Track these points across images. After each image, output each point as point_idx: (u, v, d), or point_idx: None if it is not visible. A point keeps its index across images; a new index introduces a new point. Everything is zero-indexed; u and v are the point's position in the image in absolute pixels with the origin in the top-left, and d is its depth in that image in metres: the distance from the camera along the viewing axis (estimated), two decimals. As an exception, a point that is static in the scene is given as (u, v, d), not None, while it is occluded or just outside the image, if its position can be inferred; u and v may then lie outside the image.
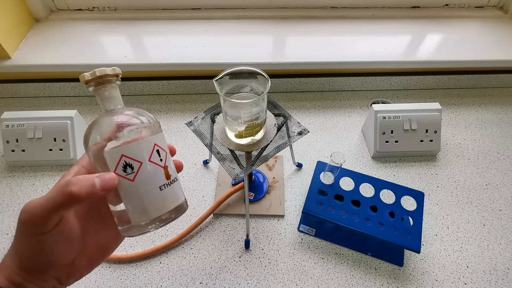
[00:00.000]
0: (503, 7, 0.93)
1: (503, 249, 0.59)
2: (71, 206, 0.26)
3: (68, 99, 0.86)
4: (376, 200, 0.58)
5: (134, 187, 0.29)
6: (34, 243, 0.27)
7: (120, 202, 0.29)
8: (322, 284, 0.55)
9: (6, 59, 0.77)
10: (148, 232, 0.30)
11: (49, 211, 0.25)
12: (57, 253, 0.28)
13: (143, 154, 0.29)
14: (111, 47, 0.82)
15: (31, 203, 0.26)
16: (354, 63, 0.80)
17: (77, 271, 0.31)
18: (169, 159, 0.32)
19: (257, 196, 0.65)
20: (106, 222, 0.33)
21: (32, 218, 0.26)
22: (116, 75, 0.31)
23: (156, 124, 0.31)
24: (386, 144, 0.71)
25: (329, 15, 0.91)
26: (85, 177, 0.26)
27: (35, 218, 0.25)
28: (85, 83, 0.30)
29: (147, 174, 0.29)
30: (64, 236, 0.28)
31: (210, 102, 0.85)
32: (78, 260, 0.31)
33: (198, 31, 0.87)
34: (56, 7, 0.89)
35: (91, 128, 0.29)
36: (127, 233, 0.30)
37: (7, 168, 0.71)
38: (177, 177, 0.33)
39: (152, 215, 0.30)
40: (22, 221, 0.26)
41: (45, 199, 0.26)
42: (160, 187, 0.30)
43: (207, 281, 0.55)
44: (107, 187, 0.26)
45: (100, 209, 0.33)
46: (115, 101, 0.31)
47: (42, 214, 0.25)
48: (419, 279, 0.55)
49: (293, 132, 0.55)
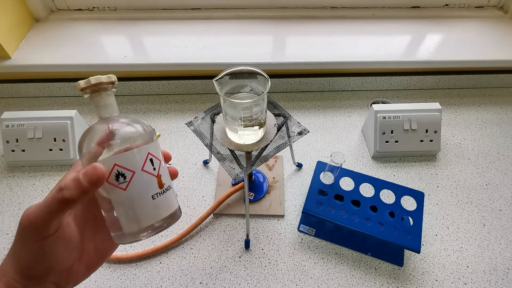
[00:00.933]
0: (503, 7, 0.93)
1: (503, 249, 0.59)
2: (67, 209, 0.26)
3: (68, 99, 0.86)
4: (376, 200, 0.58)
5: (127, 196, 0.29)
6: (35, 249, 0.27)
7: (112, 210, 0.29)
8: (322, 284, 0.55)
9: (6, 59, 0.77)
10: (141, 240, 0.30)
11: (48, 215, 0.26)
12: (57, 257, 0.28)
13: (136, 164, 0.29)
14: (111, 47, 0.82)
15: (31, 208, 0.27)
16: (354, 63, 0.80)
17: (75, 276, 0.31)
18: (163, 167, 0.32)
19: (257, 196, 0.65)
20: (102, 228, 0.33)
21: (33, 223, 0.26)
22: (112, 82, 0.31)
23: (151, 132, 0.31)
24: (386, 144, 0.71)
25: (329, 15, 0.91)
26: (72, 178, 0.26)
27: (36, 223, 0.26)
28: (81, 90, 0.30)
29: (140, 184, 0.29)
30: (65, 241, 0.29)
31: (210, 102, 0.85)
32: (76, 265, 0.31)
33: (198, 31, 0.87)
34: (56, 7, 0.89)
35: (85, 136, 0.29)
36: (119, 240, 0.31)
37: (7, 168, 0.71)
38: (171, 185, 0.33)
39: (145, 223, 0.30)
40: (23, 226, 0.27)
41: (43, 204, 0.26)
42: (153, 196, 0.30)
43: (207, 281, 0.55)
44: (93, 180, 0.26)
45: (96, 215, 0.33)
46: (110, 108, 0.31)
47: (42, 219, 0.26)
48: (419, 279, 0.55)
49: (293, 132, 0.55)
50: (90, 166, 0.27)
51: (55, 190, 0.26)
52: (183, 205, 0.65)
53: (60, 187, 0.26)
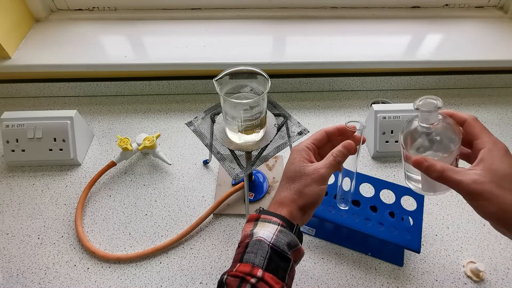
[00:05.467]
0: (503, 7, 0.93)
1: (503, 249, 0.59)
2: (337, 167, 0.40)
3: (68, 99, 0.86)
4: (376, 200, 0.58)
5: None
6: (317, 192, 0.39)
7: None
8: (322, 284, 0.55)
9: (6, 59, 0.77)
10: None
11: (330, 170, 0.39)
12: (322, 197, 0.40)
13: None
14: (111, 47, 0.82)
15: (318, 164, 0.40)
16: (354, 63, 0.80)
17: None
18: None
19: (257, 196, 0.65)
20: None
21: (322, 175, 0.39)
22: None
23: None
24: (386, 144, 0.71)
25: (329, 15, 0.91)
26: (339, 150, 0.41)
27: (324, 175, 0.39)
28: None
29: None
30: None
31: (210, 102, 0.85)
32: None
33: (198, 31, 0.87)
34: (56, 7, 0.89)
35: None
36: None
37: (7, 168, 0.71)
38: None
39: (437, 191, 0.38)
40: (313, 178, 0.39)
41: (323, 164, 0.40)
42: None
43: (207, 281, 0.55)
44: (347, 147, 0.40)
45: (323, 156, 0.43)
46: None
47: (328, 173, 0.39)
48: (419, 279, 0.55)
49: (293, 132, 0.55)
50: (346, 141, 0.40)
51: (332, 157, 0.40)
52: (183, 205, 0.65)
53: (333, 154, 0.40)
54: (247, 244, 0.36)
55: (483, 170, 0.33)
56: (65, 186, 0.68)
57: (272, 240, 0.36)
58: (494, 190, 0.31)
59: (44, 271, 0.57)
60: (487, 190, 0.31)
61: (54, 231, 0.61)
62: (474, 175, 0.32)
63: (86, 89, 0.85)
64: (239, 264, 0.35)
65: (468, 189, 0.32)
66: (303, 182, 0.39)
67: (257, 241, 0.36)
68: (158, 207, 0.65)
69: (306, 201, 0.39)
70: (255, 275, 0.34)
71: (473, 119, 0.37)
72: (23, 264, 0.57)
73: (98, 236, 0.61)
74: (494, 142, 0.34)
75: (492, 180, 0.32)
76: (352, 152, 0.41)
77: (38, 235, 0.61)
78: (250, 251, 0.36)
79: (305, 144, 0.42)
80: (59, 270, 0.57)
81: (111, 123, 0.80)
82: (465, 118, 0.37)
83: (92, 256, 0.58)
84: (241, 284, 0.34)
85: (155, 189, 0.68)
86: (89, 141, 0.76)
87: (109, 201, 0.66)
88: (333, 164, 0.39)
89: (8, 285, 0.55)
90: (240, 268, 0.35)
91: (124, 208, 0.65)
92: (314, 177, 0.39)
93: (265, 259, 0.35)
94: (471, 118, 0.37)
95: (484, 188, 0.32)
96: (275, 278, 0.34)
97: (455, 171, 0.34)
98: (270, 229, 0.37)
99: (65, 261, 0.58)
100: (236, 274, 0.34)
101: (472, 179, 0.32)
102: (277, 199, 0.40)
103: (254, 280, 0.33)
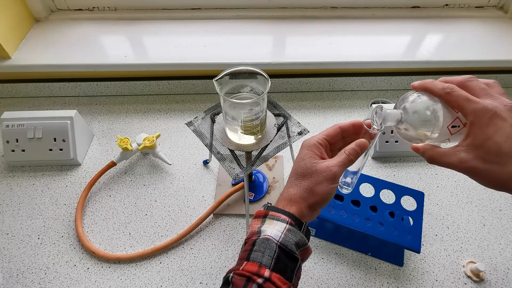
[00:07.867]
0: (503, 7, 0.93)
1: (503, 249, 0.59)
2: (349, 165, 0.39)
3: (68, 99, 0.86)
4: (376, 200, 0.58)
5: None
6: (327, 190, 0.37)
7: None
8: (322, 284, 0.55)
9: (6, 59, 0.77)
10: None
11: (341, 168, 0.38)
12: (332, 196, 0.39)
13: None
14: (111, 47, 0.82)
15: (331, 162, 0.38)
16: (354, 63, 0.80)
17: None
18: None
19: (257, 196, 0.65)
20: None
21: (334, 173, 0.37)
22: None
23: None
24: (386, 144, 0.71)
25: (329, 15, 0.91)
26: (352, 148, 0.39)
27: (336, 173, 0.37)
28: None
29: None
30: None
31: (210, 102, 0.85)
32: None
33: (198, 31, 0.87)
34: (56, 7, 0.89)
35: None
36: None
37: (7, 168, 0.71)
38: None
39: None
40: (325, 176, 0.37)
41: (336, 162, 0.38)
42: None
43: (207, 281, 0.55)
44: (361, 145, 0.39)
45: (333, 151, 0.43)
46: None
47: (339, 171, 0.38)
48: (419, 279, 0.55)
49: (293, 132, 0.55)
50: (359, 140, 0.39)
51: (345, 155, 0.38)
52: (183, 205, 0.65)
53: (345, 152, 0.38)
54: (254, 242, 0.36)
55: (468, 146, 0.33)
56: (65, 186, 0.68)
57: (280, 239, 0.35)
58: (480, 166, 0.32)
59: (44, 271, 0.57)
60: (475, 167, 0.32)
61: (54, 231, 0.61)
62: (460, 153, 0.33)
63: (86, 89, 0.85)
64: (246, 262, 0.35)
65: (457, 169, 0.33)
66: (314, 179, 0.38)
67: (264, 240, 0.35)
68: (158, 207, 0.65)
69: (317, 200, 0.38)
70: (262, 275, 0.33)
71: (446, 94, 0.34)
72: (23, 264, 0.57)
73: (98, 236, 0.61)
74: (476, 113, 0.32)
75: (476, 156, 0.32)
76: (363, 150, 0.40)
77: (38, 235, 0.61)
78: (257, 249, 0.35)
79: (317, 139, 0.40)
80: (59, 270, 0.57)
81: (111, 123, 0.80)
82: (439, 94, 0.34)
83: (92, 256, 0.58)
84: (248, 283, 0.33)
85: (155, 189, 0.68)
86: (89, 141, 0.76)
87: (109, 201, 0.66)
88: (346, 163, 0.38)
89: (8, 285, 0.55)
90: (247, 267, 0.34)
91: (124, 208, 0.65)
92: (326, 175, 0.37)
93: (272, 259, 0.34)
94: (444, 92, 0.34)
95: (471, 165, 0.32)
96: (282, 279, 0.34)
97: (441, 153, 0.34)
98: (279, 227, 0.36)
99: (65, 261, 0.58)
100: (243, 273, 0.34)
101: (458, 158, 0.33)
102: (286, 196, 0.39)
103: (261, 280, 0.33)
